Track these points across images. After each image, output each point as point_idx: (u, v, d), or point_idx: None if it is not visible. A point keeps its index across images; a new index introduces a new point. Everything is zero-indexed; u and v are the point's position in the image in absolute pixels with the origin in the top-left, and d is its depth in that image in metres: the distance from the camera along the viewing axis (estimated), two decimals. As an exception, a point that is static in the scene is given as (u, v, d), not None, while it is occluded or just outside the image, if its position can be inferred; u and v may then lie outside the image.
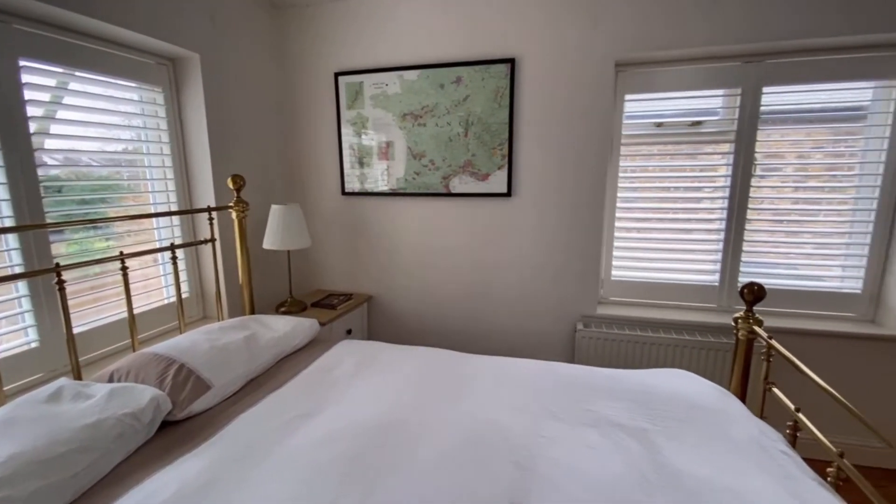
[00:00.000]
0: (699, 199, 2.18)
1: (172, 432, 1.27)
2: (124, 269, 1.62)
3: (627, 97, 2.15)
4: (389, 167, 2.40)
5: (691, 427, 1.23)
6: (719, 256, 2.16)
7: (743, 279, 2.13)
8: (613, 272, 2.34)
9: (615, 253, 2.31)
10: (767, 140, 2.04)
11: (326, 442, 1.19)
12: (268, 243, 2.17)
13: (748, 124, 2.02)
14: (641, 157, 2.22)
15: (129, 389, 1.25)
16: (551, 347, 2.34)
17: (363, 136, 2.41)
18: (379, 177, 2.43)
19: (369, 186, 2.46)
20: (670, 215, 2.21)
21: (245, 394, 1.51)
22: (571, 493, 1.00)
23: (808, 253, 2.10)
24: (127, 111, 1.85)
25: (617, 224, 2.27)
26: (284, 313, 2.22)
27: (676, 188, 2.21)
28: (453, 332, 2.48)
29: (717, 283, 2.18)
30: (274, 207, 2.18)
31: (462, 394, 1.44)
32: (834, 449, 1.09)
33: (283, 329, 1.79)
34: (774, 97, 2.00)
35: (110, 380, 1.37)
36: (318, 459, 1.11)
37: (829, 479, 1.09)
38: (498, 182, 2.24)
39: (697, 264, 2.22)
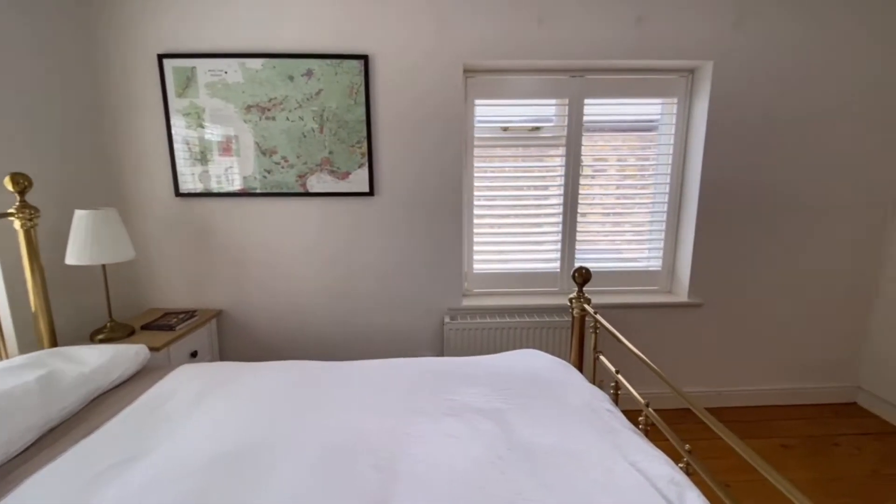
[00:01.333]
0: (543, 197, 2.44)
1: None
2: None
3: (477, 101, 2.29)
4: (235, 164, 2.15)
5: (538, 400, 1.37)
6: (559, 246, 2.45)
7: (579, 264, 2.45)
8: (475, 265, 2.48)
9: (475, 248, 2.45)
10: (595, 145, 2.39)
11: (154, 488, 1.00)
12: (72, 258, 1.76)
13: (575, 131, 2.33)
14: (492, 158, 2.39)
15: None
16: (421, 343, 2.38)
17: (200, 129, 2.12)
18: (223, 175, 2.17)
19: (212, 186, 2.17)
20: (519, 211, 2.44)
21: (40, 448, 1.20)
22: (434, 486, 1.01)
23: (628, 239, 2.54)
24: None
25: (476, 220, 2.42)
26: (103, 341, 1.83)
27: (524, 187, 2.44)
28: (319, 340, 2.35)
29: (558, 270, 2.47)
30: (78, 213, 1.77)
31: (323, 405, 1.36)
32: (642, 400, 1.33)
33: (97, 362, 1.47)
34: (594, 108, 2.34)
35: None
36: (142, 511, 0.93)
37: (640, 425, 1.31)
38: (359, 181, 2.18)
39: (543, 254, 2.48)
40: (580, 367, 1.80)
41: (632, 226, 2.52)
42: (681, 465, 1.10)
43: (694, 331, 2.43)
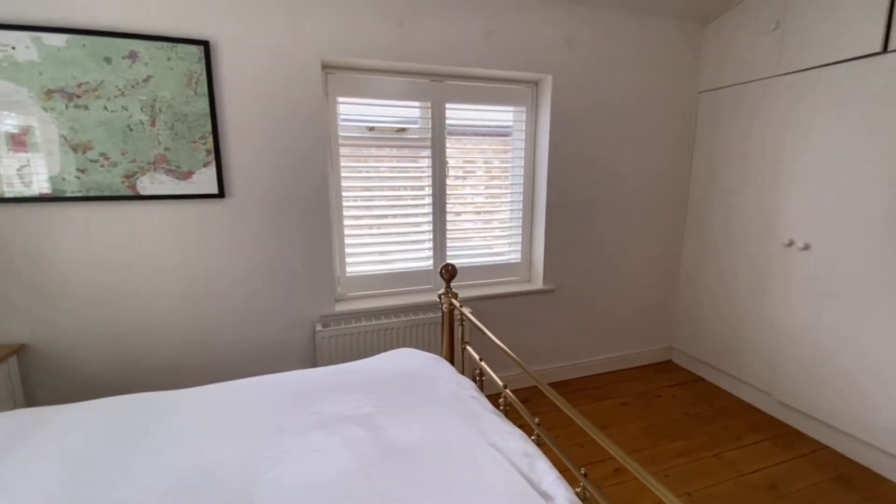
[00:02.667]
0: (414, 197, 2.48)
1: None
2: None
3: (340, 99, 2.23)
4: (32, 162, 1.74)
5: (409, 398, 1.39)
6: (431, 245, 2.53)
7: (451, 261, 2.56)
8: (349, 268, 2.41)
9: (348, 250, 2.38)
10: (464, 147, 2.51)
11: None
12: None
13: (439, 133, 2.42)
14: (360, 158, 2.35)
15: None
16: (292, 355, 2.23)
17: (-26, 117, 1.66)
18: (15, 176, 1.73)
19: (2, 190, 1.72)
20: (391, 211, 2.45)
21: None
22: (296, 506, 0.95)
23: (497, 235, 2.73)
24: None
25: (346, 222, 2.35)
26: None
27: (393, 187, 2.45)
28: (171, 367, 2.04)
29: (431, 268, 2.55)
30: None
31: (163, 444, 1.18)
32: (500, 383, 1.44)
33: None
34: (456, 112, 2.46)
35: None
36: None
37: (500, 407, 1.42)
38: (205, 181, 1.94)
39: (417, 252, 2.53)
40: (451, 360, 1.88)
41: (499, 223, 2.74)
42: (533, 437, 1.22)
43: (550, 313, 2.74)
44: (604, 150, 2.66)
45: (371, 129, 2.32)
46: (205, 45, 1.86)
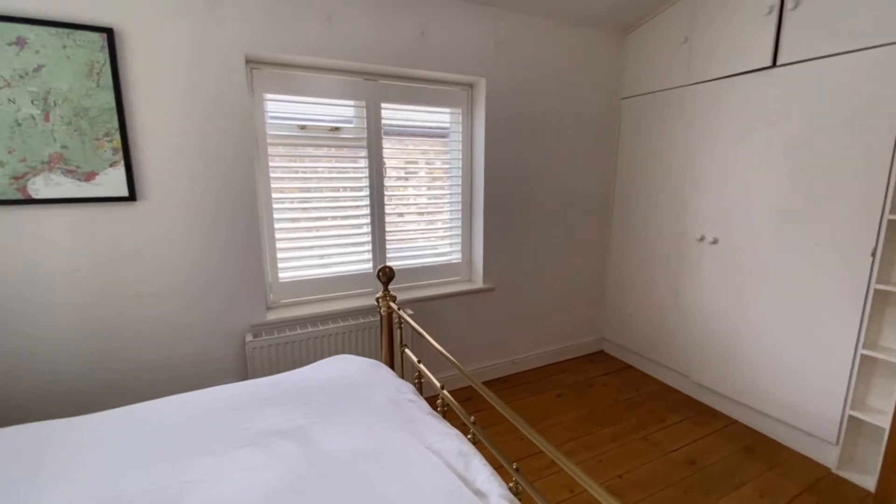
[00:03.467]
0: (350, 198, 2.42)
1: None
2: None
3: (268, 96, 2.12)
4: None
5: (344, 406, 1.35)
6: (370, 247, 2.48)
7: (391, 264, 2.53)
8: (281, 274, 2.30)
9: (280, 255, 2.27)
10: (406, 148, 2.48)
11: None
12: None
13: (375, 134, 2.38)
14: (294, 158, 2.25)
15: None
16: (220, 369, 2.09)
17: None
18: None
19: None
20: (327, 213, 2.36)
21: None
22: (218, 533, 0.88)
23: (440, 236, 2.74)
24: None
25: (277, 225, 2.24)
26: None
27: (330, 188, 2.37)
28: (74, 391, 1.83)
29: (371, 270, 2.50)
30: None
31: (65, 477, 1.05)
32: (438, 384, 1.44)
33: None
34: (392, 112, 2.43)
35: None
36: None
37: (439, 408, 1.42)
38: (112, 183, 1.76)
39: (355, 255, 2.47)
40: (392, 364, 1.86)
41: (442, 223, 2.74)
42: (469, 436, 1.24)
43: (490, 311, 2.79)
44: (537, 151, 2.76)
45: (303, 127, 2.23)
46: (108, 32, 1.69)
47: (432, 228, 2.73)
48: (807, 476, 2.01)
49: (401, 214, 2.57)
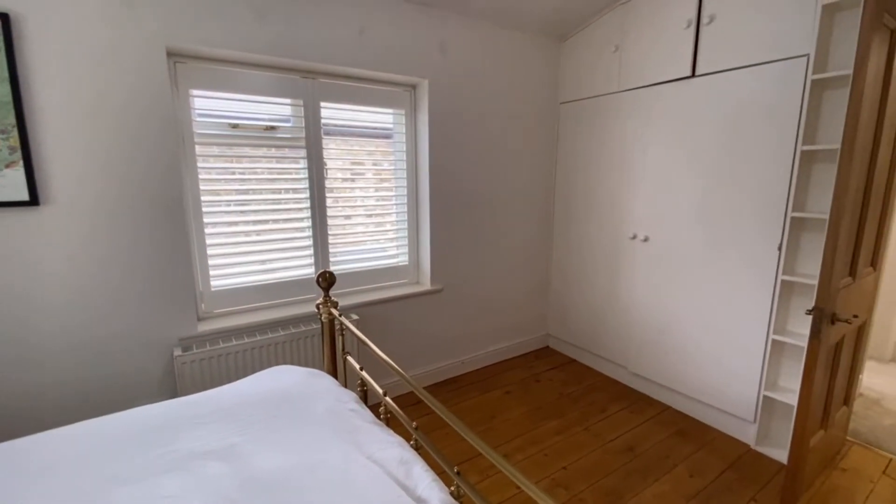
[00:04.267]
0: (288, 200, 2.32)
1: None
2: None
3: (194, 92, 1.98)
4: None
5: (280, 421, 1.28)
6: (311, 251, 2.39)
7: (335, 268, 2.45)
8: (215, 282, 2.16)
9: (213, 261, 2.13)
10: (350, 149, 2.41)
11: None
12: None
13: (314, 133, 2.30)
14: (227, 159, 2.12)
15: None
16: (146, 387, 1.93)
17: None
18: None
19: None
20: (267, 217, 2.25)
21: None
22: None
23: (389, 238, 2.69)
24: None
25: (209, 230, 2.10)
26: None
27: (270, 190, 2.25)
28: (-36, 419, 1.61)
29: (312, 276, 2.41)
30: None
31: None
32: (380, 391, 1.41)
33: None
34: (332, 112, 2.36)
35: None
36: None
37: (382, 416, 1.39)
38: (10, 185, 1.57)
39: (295, 260, 2.37)
40: (334, 372, 1.80)
41: (390, 225, 2.70)
42: (411, 442, 1.22)
43: (438, 313, 2.79)
44: (481, 153, 2.80)
45: (235, 126, 2.11)
46: (3, 17, 1.50)
47: (381, 230, 2.69)
48: (729, 454, 2.18)
49: (348, 217, 2.50)
